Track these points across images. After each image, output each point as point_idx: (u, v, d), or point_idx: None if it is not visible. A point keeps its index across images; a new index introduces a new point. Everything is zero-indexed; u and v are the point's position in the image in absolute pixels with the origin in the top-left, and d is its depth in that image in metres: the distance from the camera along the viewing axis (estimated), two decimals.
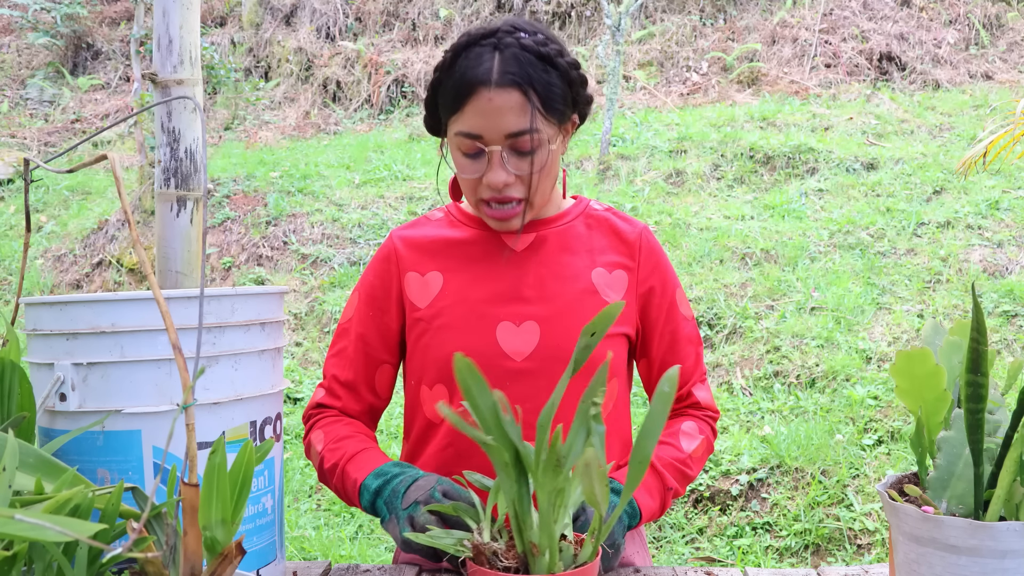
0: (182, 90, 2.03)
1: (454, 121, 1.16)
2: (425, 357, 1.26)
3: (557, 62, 1.16)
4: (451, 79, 1.15)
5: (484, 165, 1.16)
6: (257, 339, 1.06)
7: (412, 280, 1.28)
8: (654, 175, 6.02)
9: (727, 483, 3.23)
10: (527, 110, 1.13)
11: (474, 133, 1.14)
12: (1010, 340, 3.86)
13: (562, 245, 1.27)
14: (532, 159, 1.16)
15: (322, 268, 5.34)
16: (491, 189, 1.17)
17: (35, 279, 5.71)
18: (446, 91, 1.16)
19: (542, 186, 1.20)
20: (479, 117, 1.13)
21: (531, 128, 1.14)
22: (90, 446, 0.96)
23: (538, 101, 1.14)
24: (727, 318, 4.27)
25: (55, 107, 8.87)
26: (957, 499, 0.87)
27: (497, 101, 1.12)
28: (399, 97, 8.46)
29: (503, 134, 1.14)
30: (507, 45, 1.14)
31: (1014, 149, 3.70)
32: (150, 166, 5.97)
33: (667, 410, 0.81)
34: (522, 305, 1.24)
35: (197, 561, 0.66)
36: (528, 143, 1.15)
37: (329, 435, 1.26)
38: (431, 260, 1.29)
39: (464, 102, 1.14)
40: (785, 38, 8.14)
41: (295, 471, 3.57)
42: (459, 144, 1.17)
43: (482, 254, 1.27)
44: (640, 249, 1.29)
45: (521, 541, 0.83)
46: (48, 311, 0.99)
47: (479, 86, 1.12)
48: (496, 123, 1.13)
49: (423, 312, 1.26)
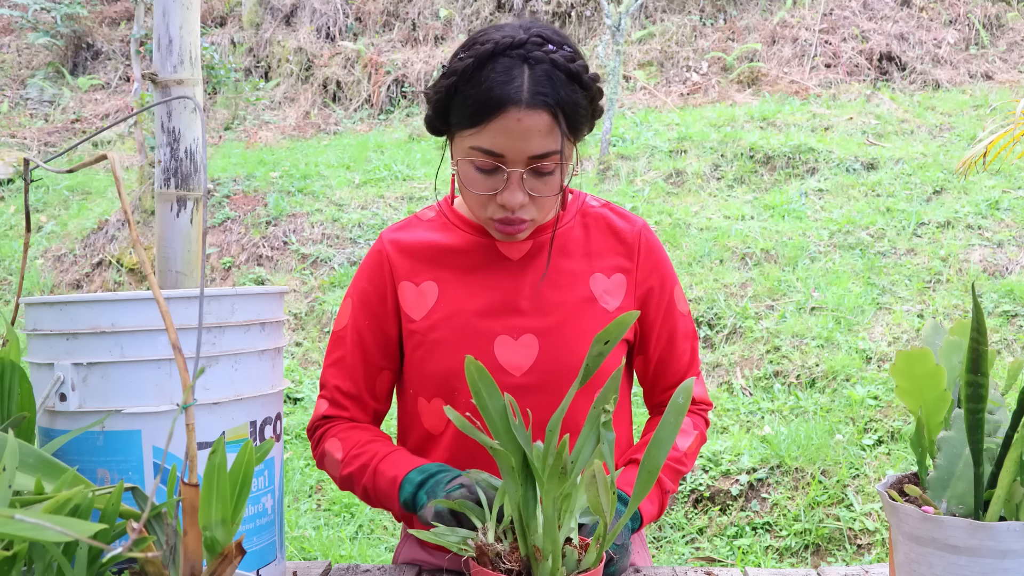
0: (182, 90, 2.03)
1: (472, 134, 1.10)
2: (422, 370, 1.24)
3: (584, 80, 1.11)
4: (475, 90, 1.08)
5: (499, 183, 1.11)
6: (257, 339, 1.06)
7: (406, 290, 1.25)
8: (654, 175, 6.02)
9: (727, 483, 3.23)
10: (554, 133, 1.09)
11: (496, 152, 1.09)
12: (1010, 340, 3.86)
13: (559, 251, 1.24)
14: (551, 181, 1.12)
15: (322, 268, 5.34)
16: (505, 209, 1.13)
17: (35, 279, 5.71)
18: (467, 101, 1.09)
19: (553, 203, 1.17)
20: (504, 137, 1.08)
21: (558, 150, 1.10)
22: (90, 446, 0.96)
23: (565, 123, 1.09)
24: (727, 318, 4.27)
25: (55, 107, 8.87)
26: (957, 499, 0.87)
27: (526, 122, 1.07)
28: (399, 97, 8.45)
29: (526, 156, 1.09)
30: (538, 60, 1.08)
31: (1014, 149, 3.70)
32: (150, 166, 5.97)
33: (679, 422, 0.82)
34: (519, 318, 1.21)
35: (197, 561, 0.66)
36: (550, 165, 1.11)
37: (349, 440, 1.23)
38: (425, 269, 1.25)
39: (488, 119, 1.08)
40: (785, 38, 8.14)
41: (295, 471, 3.57)
42: (474, 159, 1.11)
43: (478, 263, 1.24)
44: (639, 249, 1.26)
45: (525, 545, 0.83)
46: (48, 311, 0.99)
47: (509, 105, 1.06)
48: (521, 145, 1.08)
49: (418, 325, 1.23)
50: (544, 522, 0.81)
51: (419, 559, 1.33)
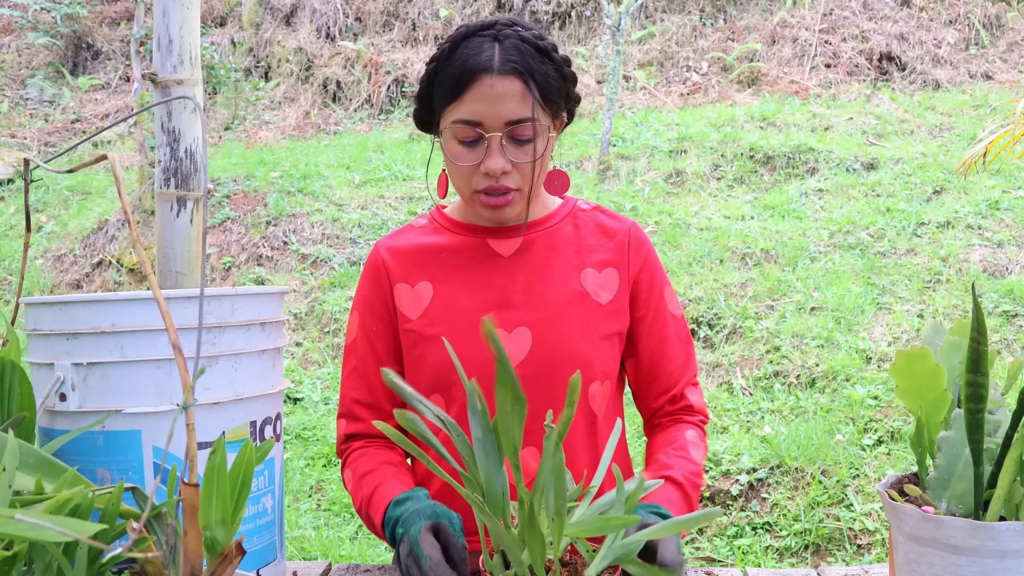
0: (182, 90, 2.03)
1: (451, 110, 1.16)
2: (420, 368, 1.25)
3: (553, 56, 1.18)
4: (450, 68, 1.16)
5: (481, 153, 1.16)
6: (257, 339, 1.06)
7: (402, 292, 1.27)
8: (654, 175, 6.02)
9: (727, 483, 3.23)
10: (527, 99, 1.14)
11: (474, 120, 1.14)
12: (1010, 340, 3.86)
13: (550, 247, 1.27)
14: (533, 147, 1.16)
15: (322, 268, 5.34)
16: (488, 177, 1.17)
17: (35, 279, 5.71)
18: (443, 80, 1.17)
19: (536, 178, 1.20)
20: (479, 103, 1.14)
21: (532, 117, 1.14)
22: (90, 446, 0.96)
23: (537, 91, 1.15)
24: (727, 318, 4.27)
25: (55, 107, 8.87)
26: (957, 499, 0.87)
27: (499, 88, 1.13)
28: (399, 97, 8.45)
29: (503, 121, 1.14)
30: (506, 36, 1.15)
31: (1014, 149, 3.70)
32: (150, 166, 5.97)
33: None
34: (513, 311, 1.23)
35: (197, 561, 0.66)
36: (527, 131, 1.15)
37: (355, 472, 1.23)
38: (419, 270, 1.28)
39: (464, 89, 1.14)
40: (785, 38, 8.14)
41: (295, 471, 3.57)
42: (456, 132, 1.17)
43: (470, 261, 1.27)
44: (629, 244, 1.28)
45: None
46: (48, 311, 0.99)
47: (480, 73, 1.13)
48: (497, 110, 1.14)
49: (415, 323, 1.25)
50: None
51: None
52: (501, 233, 1.27)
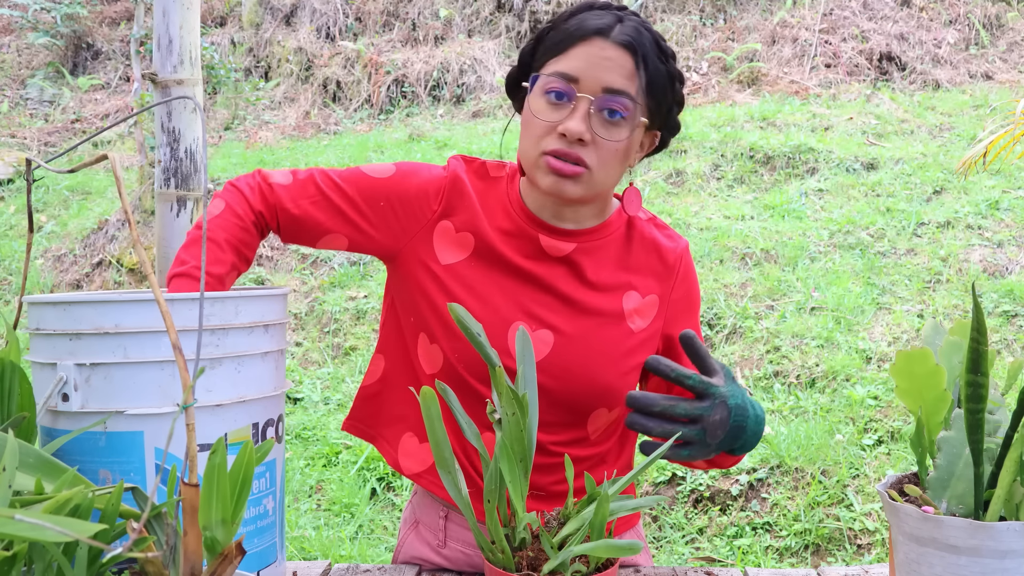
0: (182, 90, 2.03)
1: (553, 62, 1.11)
2: (439, 309, 1.19)
3: (670, 59, 1.14)
4: (565, 26, 1.11)
5: (565, 114, 1.09)
6: (260, 341, 1.06)
7: (443, 230, 1.20)
8: (654, 175, 6.02)
9: (727, 483, 3.23)
10: (633, 79, 1.09)
11: (572, 75, 1.09)
12: (1010, 340, 3.86)
13: (599, 261, 1.21)
14: (617, 132, 1.10)
15: (322, 268, 5.34)
16: (563, 138, 1.09)
17: (35, 279, 5.71)
18: (555, 36, 1.12)
19: (610, 169, 1.13)
20: (584, 61, 1.08)
21: (632, 96, 1.09)
22: (92, 447, 0.96)
23: (645, 76, 1.10)
24: (727, 318, 4.27)
25: (55, 107, 8.87)
26: (957, 499, 0.87)
27: (609, 53, 1.08)
28: (399, 97, 8.45)
29: (601, 86, 1.08)
30: (631, 19, 1.12)
31: (1014, 149, 3.70)
32: (150, 166, 5.97)
33: None
34: (542, 312, 1.19)
35: (197, 561, 0.66)
36: (621, 105, 1.08)
37: (214, 223, 1.16)
38: (471, 220, 1.20)
39: (574, 44, 1.09)
40: (785, 38, 8.14)
41: (295, 471, 3.57)
42: (548, 84, 1.10)
43: (517, 249, 1.20)
44: (677, 273, 1.25)
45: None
46: (51, 311, 0.99)
47: (596, 35, 1.09)
48: (599, 73, 1.08)
49: (440, 268, 1.19)
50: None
51: (419, 558, 1.33)
52: (557, 235, 1.20)
